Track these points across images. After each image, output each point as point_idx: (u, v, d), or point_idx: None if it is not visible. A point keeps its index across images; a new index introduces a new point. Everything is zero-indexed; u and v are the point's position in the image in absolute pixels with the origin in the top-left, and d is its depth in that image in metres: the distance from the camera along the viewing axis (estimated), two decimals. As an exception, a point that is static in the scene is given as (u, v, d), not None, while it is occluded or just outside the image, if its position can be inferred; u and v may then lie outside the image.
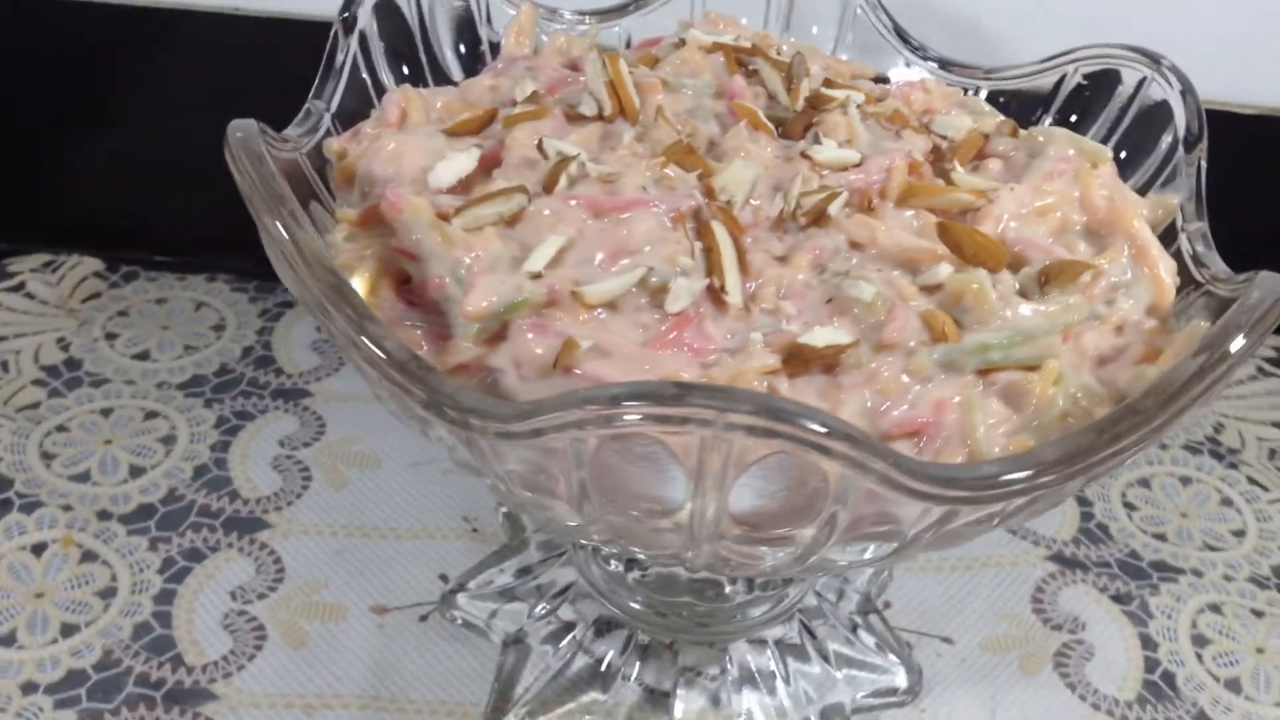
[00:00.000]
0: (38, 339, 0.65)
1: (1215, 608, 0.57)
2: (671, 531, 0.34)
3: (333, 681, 0.51)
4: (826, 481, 0.31)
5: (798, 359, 0.36)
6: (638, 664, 0.50)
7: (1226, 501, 0.64)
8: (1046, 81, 0.50)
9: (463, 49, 0.51)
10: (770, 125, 0.43)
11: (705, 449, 0.30)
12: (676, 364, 0.36)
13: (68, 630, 0.51)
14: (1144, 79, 0.47)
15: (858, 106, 0.44)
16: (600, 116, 0.42)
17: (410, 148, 0.42)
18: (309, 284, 0.34)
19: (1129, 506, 0.63)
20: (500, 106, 0.44)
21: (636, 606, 0.50)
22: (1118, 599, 0.57)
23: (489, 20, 0.51)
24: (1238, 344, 0.34)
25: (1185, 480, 0.65)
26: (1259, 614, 0.57)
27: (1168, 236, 0.43)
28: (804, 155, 0.41)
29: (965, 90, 0.51)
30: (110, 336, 0.66)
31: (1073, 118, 0.49)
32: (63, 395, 0.62)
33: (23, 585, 0.53)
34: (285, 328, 0.68)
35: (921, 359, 0.36)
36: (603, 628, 0.51)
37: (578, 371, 0.35)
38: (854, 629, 0.53)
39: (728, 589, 0.50)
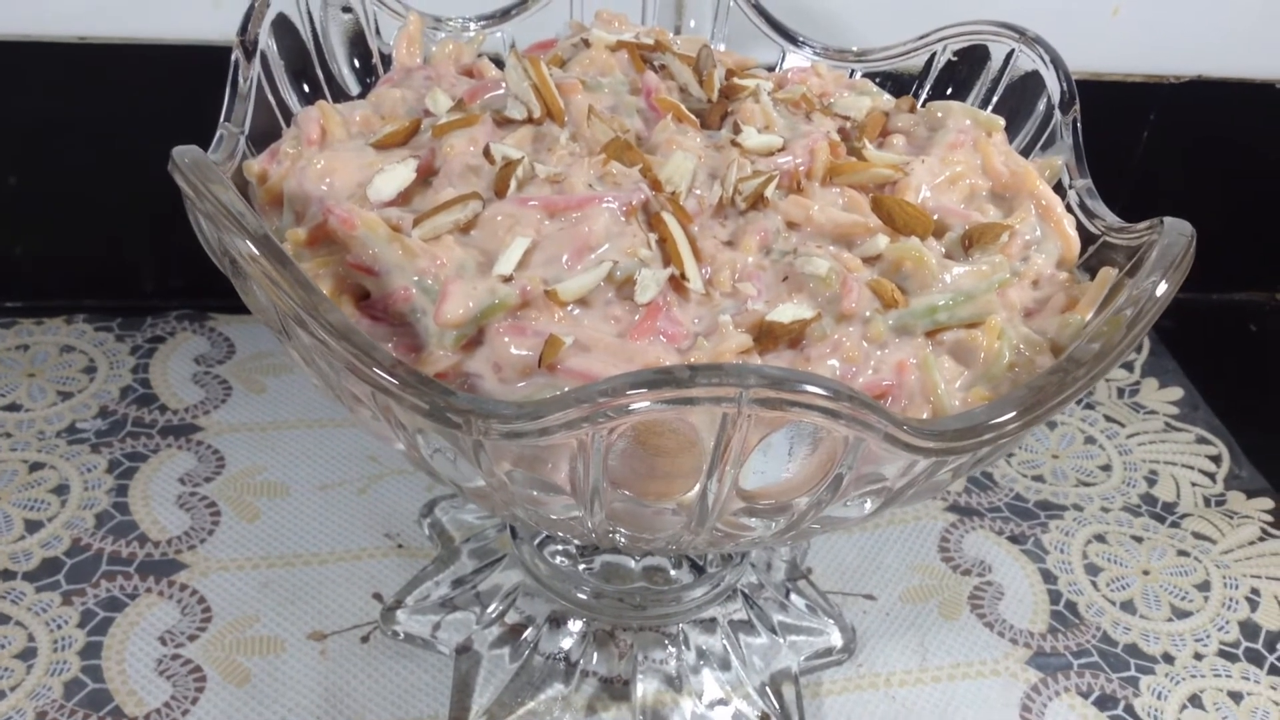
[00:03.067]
0: (-104, 400, 0.61)
1: (1100, 538, 0.62)
2: (674, 514, 0.36)
3: (284, 714, 0.50)
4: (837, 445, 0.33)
5: (768, 336, 0.37)
6: (594, 655, 0.51)
7: (1090, 440, 0.69)
8: (918, 61, 0.53)
9: (357, 63, 0.50)
10: (693, 117, 0.44)
11: (726, 426, 0.32)
12: (655, 352, 0.37)
13: (-8, 698, 0.49)
14: (1012, 51, 0.50)
15: (769, 94, 0.46)
16: (529, 120, 0.43)
17: (341, 163, 0.42)
18: (290, 299, 0.34)
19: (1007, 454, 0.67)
20: (419, 117, 0.44)
21: (586, 597, 0.51)
22: (1014, 539, 0.61)
23: (378, 32, 0.51)
24: (1163, 288, 0.37)
25: (1051, 424, 0.69)
26: (1138, 539, 0.62)
27: (1057, 194, 0.47)
28: (734, 143, 0.43)
29: (847, 72, 0.54)
30: (-25, 390, 0.62)
31: (948, 92, 0.52)
32: (-65, 456, 0.58)
33: (-68, 658, 0.50)
34: (161, 363, 0.66)
35: (878, 325, 0.38)
36: (555, 623, 0.51)
37: (562, 368, 0.36)
38: (787, 595, 0.55)
39: (673, 573, 0.51)
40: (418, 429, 0.35)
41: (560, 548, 0.51)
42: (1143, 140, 0.74)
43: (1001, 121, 0.47)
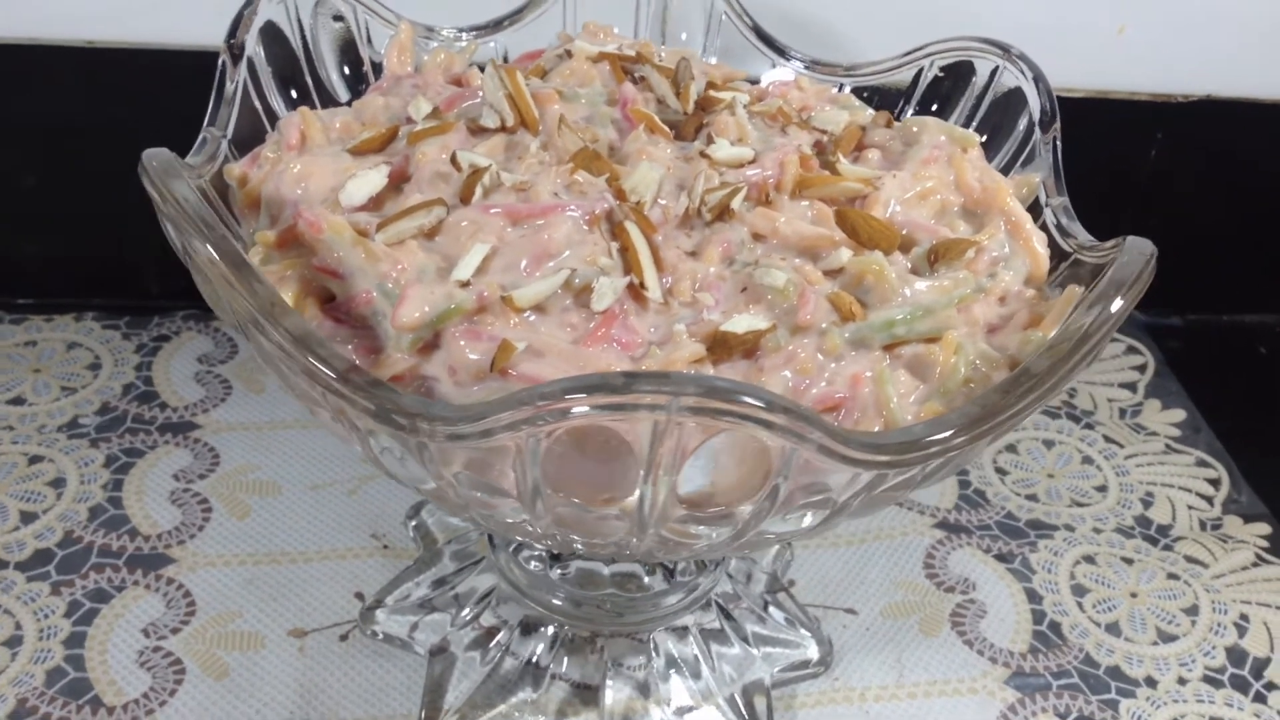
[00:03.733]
0: (-96, 391, 0.62)
1: (1089, 559, 0.62)
2: (617, 519, 0.36)
3: (259, 708, 0.50)
4: (770, 456, 0.33)
5: (721, 346, 0.38)
6: (565, 660, 0.51)
7: (1087, 460, 0.68)
8: (905, 76, 0.53)
9: (347, 70, 0.51)
10: (666, 128, 0.45)
11: (658, 434, 0.32)
12: (607, 359, 0.37)
13: (-24, 684, 0.50)
14: (996, 68, 0.50)
15: (744, 107, 0.46)
16: (503, 128, 0.44)
17: (317, 168, 0.42)
18: (246, 302, 0.35)
19: (1001, 471, 0.67)
20: (398, 124, 0.45)
21: (559, 603, 0.51)
22: (1001, 558, 0.61)
23: (369, 40, 0.52)
24: (1117, 304, 0.37)
25: (1049, 443, 0.69)
26: (1129, 561, 0.62)
27: (1033, 212, 0.47)
28: (703, 155, 0.43)
29: (835, 86, 0.54)
30: (-20, 384, 0.64)
31: (934, 107, 0.52)
32: (-62, 447, 0.60)
33: (-79, 643, 0.51)
34: (164, 361, 0.67)
35: (834, 338, 0.39)
36: (527, 628, 0.52)
37: (513, 373, 0.36)
38: (765, 608, 0.55)
39: (646, 580, 0.52)
40: (369, 430, 0.36)
41: (535, 553, 0.52)
42: (1150, 159, 0.73)
43: (977, 138, 0.47)
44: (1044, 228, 0.46)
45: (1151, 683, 0.56)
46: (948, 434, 0.33)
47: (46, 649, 0.52)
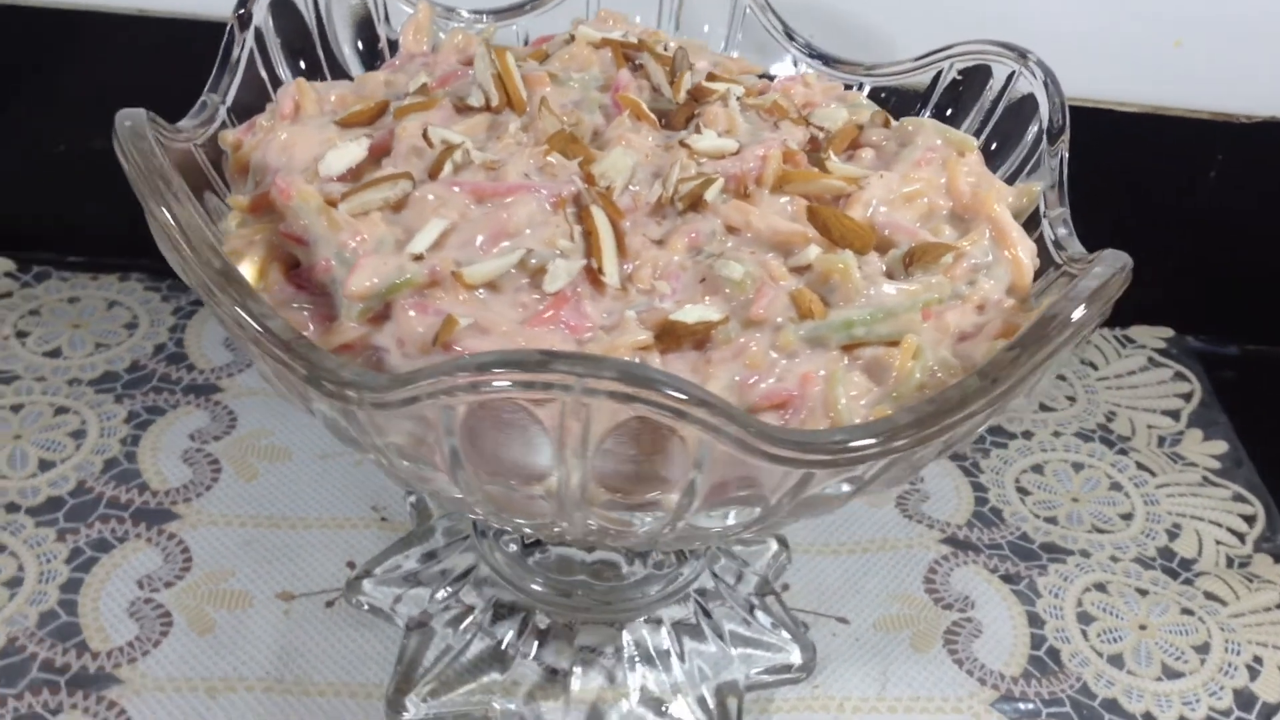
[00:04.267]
0: (-53, 337, 0.65)
1: (1101, 587, 0.60)
2: (544, 499, 0.36)
3: (237, 665, 0.51)
4: (685, 446, 0.33)
5: (670, 335, 0.37)
6: (535, 644, 0.51)
7: (1116, 486, 0.66)
8: (924, 77, 0.52)
9: (361, 46, 0.52)
10: (653, 116, 0.44)
11: (566, 414, 0.32)
12: (552, 340, 0.37)
13: (-28, 620, 0.52)
14: (1013, 73, 0.49)
15: (738, 99, 0.46)
16: (488, 108, 0.44)
17: (302, 138, 0.43)
18: (195, 267, 0.36)
19: (1022, 491, 0.65)
20: (389, 99, 0.45)
21: (537, 588, 0.51)
22: (1007, 579, 0.59)
23: (387, 19, 0.53)
24: (1079, 313, 0.36)
25: (1077, 466, 0.67)
26: (1143, 592, 0.60)
27: (1032, 222, 0.46)
28: (682, 144, 0.43)
29: (849, 86, 0.53)
30: (21, 335, 0.66)
31: (949, 111, 0.51)
32: (-28, 392, 0.62)
33: (-72, 577, 0.53)
34: (198, 325, 0.69)
35: (788, 334, 0.38)
36: (503, 610, 0.52)
37: (457, 348, 0.37)
38: (750, 610, 0.55)
39: (624, 569, 0.52)
40: (308, 396, 0.36)
41: (513, 536, 0.52)
42: (1210, 181, 0.71)
43: (974, 142, 0.46)
44: (1040, 239, 0.45)
45: (1150, 719, 0.54)
46: (873, 440, 0.32)
47: (43, 592, 0.53)
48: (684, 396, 0.31)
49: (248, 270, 0.40)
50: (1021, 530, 0.62)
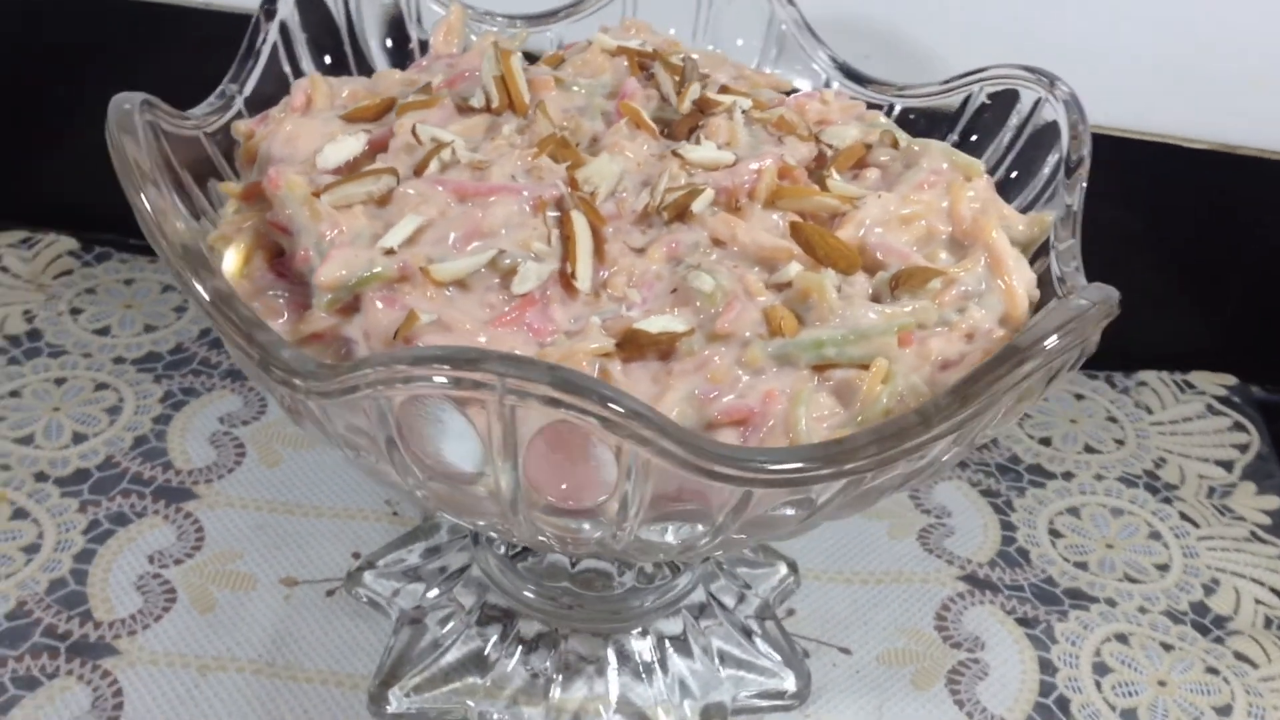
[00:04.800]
0: (5, 310, 0.67)
1: (1123, 638, 0.57)
2: (488, 499, 0.36)
3: (231, 646, 0.52)
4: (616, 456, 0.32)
5: (632, 344, 0.37)
6: (519, 649, 0.51)
7: (1155, 535, 0.63)
8: (954, 100, 0.51)
9: (390, 45, 0.53)
10: (653, 125, 0.44)
11: (492, 415, 0.32)
12: (513, 342, 0.37)
13: (-13, 580, 0.54)
14: (1039, 99, 0.48)
15: (744, 112, 0.45)
16: (488, 109, 0.44)
17: (307, 131, 0.44)
18: (167, 254, 0.36)
19: (1054, 534, 0.63)
20: (395, 96, 0.45)
21: (528, 594, 0.51)
22: (1023, 622, 0.57)
23: (419, 20, 0.53)
24: (1052, 342, 0.34)
25: (1117, 511, 0.65)
26: (1168, 647, 0.57)
27: (1043, 253, 0.44)
28: (675, 154, 0.43)
29: (879, 107, 0.52)
30: (75, 312, 0.68)
31: (974, 136, 0.50)
32: (20, 363, 0.65)
33: (-48, 537, 0.55)
34: (246, 313, 0.70)
35: (755, 350, 0.37)
36: (491, 613, 0.52)
37: (419, 343, 0.37)
38: (748, 632, 0.54)
39: (616, 580, 0.51)
40: (268, 384, 0.37)
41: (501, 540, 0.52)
42: (1281, 224, 0.68)
43: (981, 166, 0.44)
44: (1048, 271, 0.43)
45: (1157, 779, 0.51)
46: (792, 465, 0.31)
47: (57, 559, 0.55)
48: (610, 401, 0.31)
49: (233, 255, 0.41)
50: (1047, 574, 0.60)
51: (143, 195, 0.37)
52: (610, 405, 0.31)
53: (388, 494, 0.60)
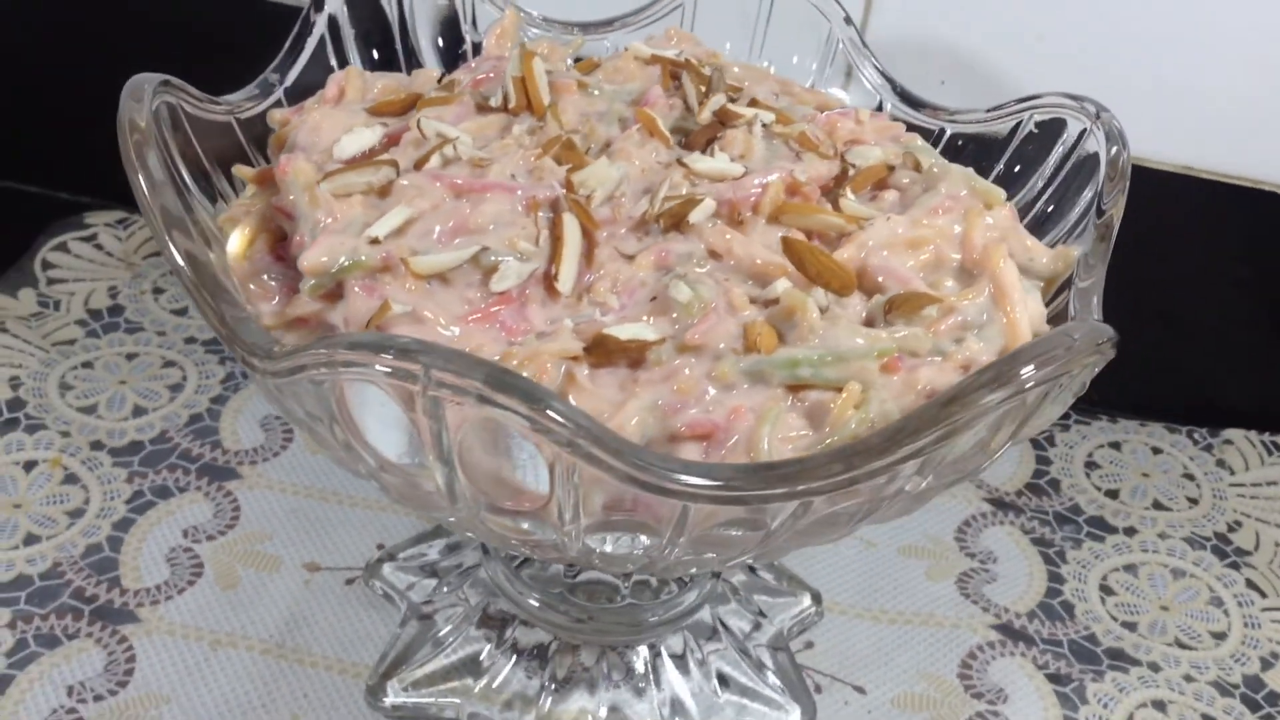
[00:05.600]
0: (93, 285, 0.70)
1: (1160, 705, 0.54)
2: (436, 495, 0.36)
3: (245, 624, 0.53)
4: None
5: (601, 349, 0.37)
6: (514, 656, 0.51)
7: (1216, 601, 0.60)
8: (1004, 127, 0.49)
9: (442, 44, 0.53)
10: (666, 133, 0.44)
11: (418, 407, 0.32)
12: (483, 338, 0.37)
13: (30, 539, 0.56)
14: (1084, 130, 0.46)
15: (765, 126, 0.44)
16: (505, 108, 0.44)
17: (331, 121, 0.44)
18: (153, 223, 0.37)
19: (1106, 590, 0.60)
20: (421, 92, 0.46)
21: (531, 602, 0.51)
22: (1054, 678, 0.55)
23: (474, 22, 0.54)
24: (1027, 371, 0.33)
25: (1178, 573, 0.61)
26: None
27: (1067, 289, 0.42)
28: (680, 163, 0.42)
29: (932, 130, 0.51)
30: (158, 291, 0.71)
31: (1017, 168, 0.48)
32: (98, 336, 0.67)
33: (6, 495, 0.58)
34: (318, 304, 0.72)
35: (727, 365, 0.36)
36: (493, 617, 0.52)
37: (390, 332, 0.37)
38: (756, 660, 0.52)
39: (621, 591, 0.50)
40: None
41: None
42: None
43: (1002, 194, 0.43)
44: (1063, 307, 0.41)
45: None
46: (708, 482, 0.31)
47: (97, 526, 0.57)
48: (538, 401, 0.30)
49: (237, 237, 0.42)
50: (1090, 631, 0.57)
51: (137, 167, 0.38)
52: (538, 406, 0.30)
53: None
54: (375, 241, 0.39)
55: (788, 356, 0.37)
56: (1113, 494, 0.66)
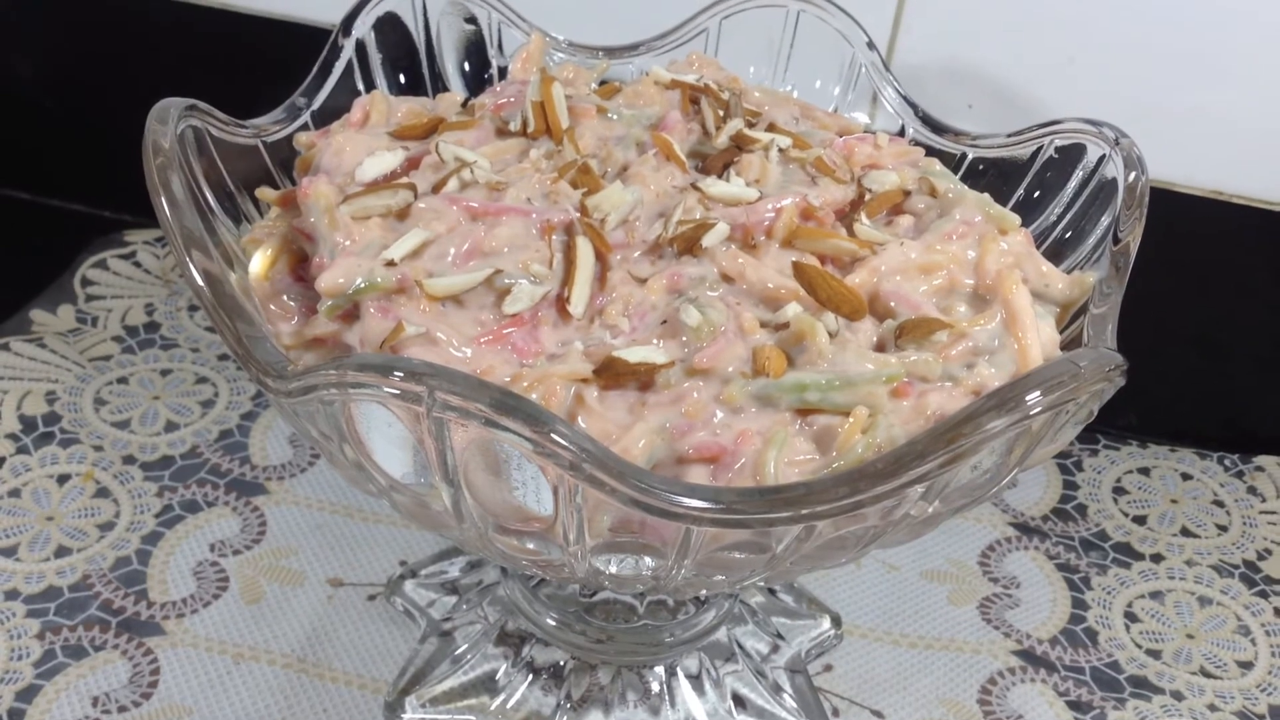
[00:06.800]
0: (130, 302, 0.72)
1: (1183, 734, 0.54)
2: (445, 514, 0.36)
3: (269, 639, 0.54)
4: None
5: (610, 371, 0.37)
6: (530, 676, 0.51)
7: (1243, 630, 0.59)
8: (1025, 152, 0.49)
9: (468, 68, 0.54)
10: (682, 157, 0.44)
11: (423, 428, 0.32)
12: (494, 360, 0.37)
13: (61, 551, 0.57)
14: (1104, 155, 0.46)
15: (781, 151, 0.45)
16: (524, 132, 0.45)
17: (354, 145, 0.45)
18: (174, 240, 0.38)
19: (1131, 618, 0.59)
20: (444, 116, 0.47)
21: (549, 622, 0.51)
22: (1075, 706, 0.54)
23: (500, 47, 0.55)
24: (1032, 397, 0.33)
25: (1205, 601, 0.61)
26: (1234, 750, 0.53)
27: (1081, 314, 0.42)
28: (695, 187, 0.42)
29: (954, 155, 0.51)
30: (193, 309, 0.72)
31: (1036, 194, 0.48)
32: (134, 353, 0.69)
33: (39, 508, 0.59)
34: (349, 322, 0.73)
35: (735, 389, 0.37)
36: (508, 636, 0.52)
37: (404, 354, 0.37)
38: (773, 682, 0.53)
39: (639, 611, 0.51)
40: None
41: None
42: None
43: (1016, 220, 0.43)
44: (1079, 333, 0.41)
45: None
46: (706, 505, 0.31)
47: (127, 539, 0.58)
48: (541, 424, 0.31)
49: (259, 258, 0.42)
50: (1113, 658, 0.57)
51: (159, 188, 0.38)
52: (542, 429, 0.31)
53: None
54: (391, 264, 0.39)
55: (795, 381, 0.37)
56: (1140, 520, 0.65)
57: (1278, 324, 0.67)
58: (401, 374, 0.31)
